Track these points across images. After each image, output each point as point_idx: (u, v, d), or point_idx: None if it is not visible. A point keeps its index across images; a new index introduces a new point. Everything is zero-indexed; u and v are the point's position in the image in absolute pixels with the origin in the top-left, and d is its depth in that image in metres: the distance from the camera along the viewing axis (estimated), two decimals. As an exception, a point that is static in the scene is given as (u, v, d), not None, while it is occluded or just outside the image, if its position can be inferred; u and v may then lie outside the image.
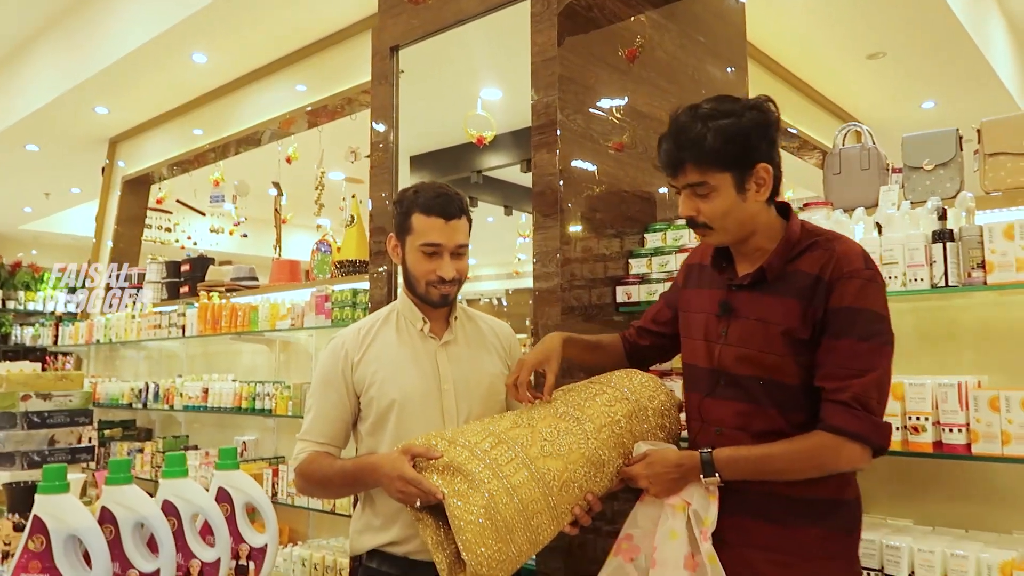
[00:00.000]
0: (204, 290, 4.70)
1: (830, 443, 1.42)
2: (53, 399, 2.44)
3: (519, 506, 1.48)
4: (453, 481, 1.50)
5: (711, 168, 1.47)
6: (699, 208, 1.51)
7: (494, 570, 1.44)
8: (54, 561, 1.29)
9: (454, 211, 1.76)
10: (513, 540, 1.47)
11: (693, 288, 1.72)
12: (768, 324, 1.50)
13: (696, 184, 1.49)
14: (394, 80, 2.99)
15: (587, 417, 1.62)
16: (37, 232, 10.63)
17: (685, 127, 1.48)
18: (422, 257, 1.75)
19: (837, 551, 1.52)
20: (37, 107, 5.62)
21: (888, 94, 5.60)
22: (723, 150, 1.45)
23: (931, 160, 2.20)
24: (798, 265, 1.51)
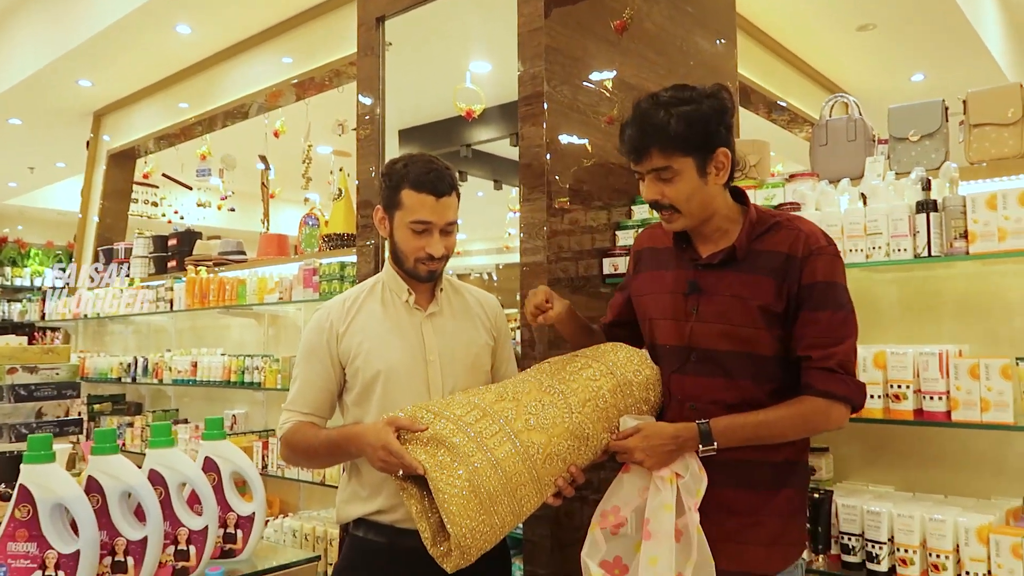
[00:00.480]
0: (192, 264, 4.69)
1: (821, 406, 1.52)
2: (40, 372, 2.44)
3: (503, 479, 1.50)
4: (437, 454, 1.51)
5: (675, 153, 1.54)
6: (663, 192, 1.58)
7: (478, 540, 1.46)
8: (41, 529, 1.30)
9: (445, 188, 1.75)
10: (497, 512, 1.49)
11: (648, 271, 1.77)
12: (744, 300, 1.57)
13: (661, 168, 1.56)
14: (380, 52, 2.97)
15: (572, 391, 1.63)
16: (22, 207, 10.52)
17: (648, 114, 1.55)
18: (411, 234, 1.74)
19: (797, 507, 1.64)
20: (19, 80, 5.53)
21: (878, 66, 5.59)
22: (686, 135, 1.52)
23: (917, 131, 2.20)
24: (764, 244, 1.59)
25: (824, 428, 1.57)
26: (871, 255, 2.01)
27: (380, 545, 1.71)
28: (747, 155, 2.55)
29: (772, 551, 1.57)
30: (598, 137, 2.58)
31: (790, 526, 1.61)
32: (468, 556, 1.47)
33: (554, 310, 1.76)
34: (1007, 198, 1.82)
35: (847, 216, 2.04)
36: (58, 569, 1.29)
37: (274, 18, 4.70)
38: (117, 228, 6.27)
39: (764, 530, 1.57)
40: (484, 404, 1.61)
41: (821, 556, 2.03)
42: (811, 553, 2.04)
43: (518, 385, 1.68)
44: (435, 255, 1.75)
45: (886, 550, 1.91)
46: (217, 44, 5.06)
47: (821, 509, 2.03)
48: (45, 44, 5.28)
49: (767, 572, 1.57)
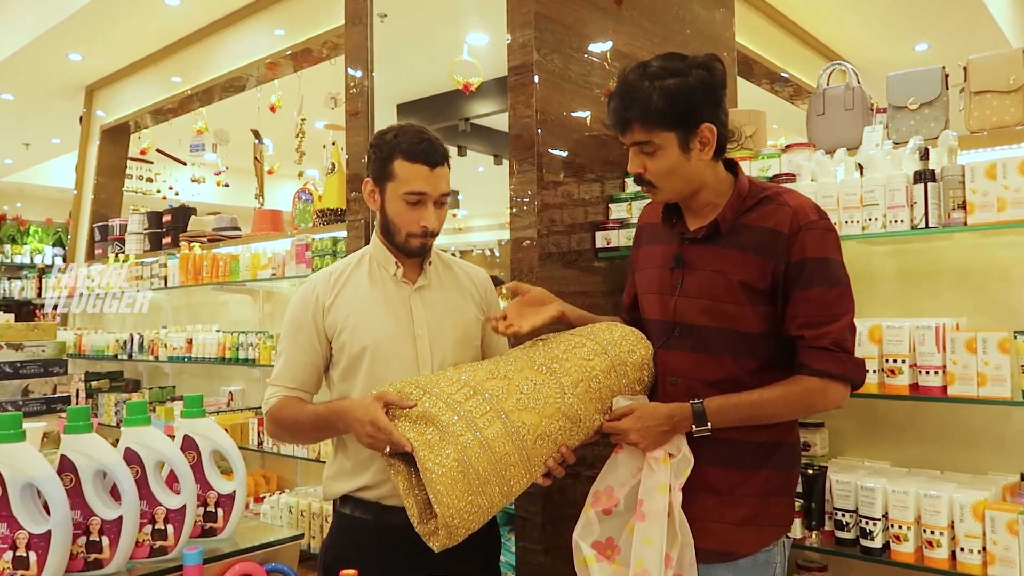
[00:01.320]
0: (186, 240, 4.65)
1: (817, 386, 1.48)
2: (25, 349, 2.41)
3: (492, 458, 1.47)
4: (425, 432, 1.48)
5: (656, 127, 1.51)
6: (645, 165, 1.55)
7: (465, 520, 1.44)
8: (11, 509, 1.27)
9: (439, 158, 1.71)
10: (485, 492, 1.46)
11: (645, 246, 1.75)
12: (726, 275, 1.54)
13: (642, 143, 1.53)
14: (368, 21, 2.89)
15: (564, 371, 1.60)
16: (20, 184, 10.47)
17: (632, 86, 1.52)
18: (406, 207, 1.70)
19: (778, 487, 1.59)
20: (9, 53, 5.46)
21: (881, 35, 5.47)
22: (667, 111, 1.49)
23: (916, 99, 2.14)
24: (750, 219, 1.55)
25: (821, 408, 1.54)
26: (867, 227, 1.96)
27: (366, 522, 1.69)
28: (743, 125, 2.49)
29: (748, 531, 1.55)
30: (591, 107, 2.52)
31: (769, 506, 1.57)
32: (455, 536, 1.45)
33: (526, 323, 1.68)
34: (1007, 167, 1.77)
35: (843, 187, 1.99)
36: (29, 549, 1.26)
37: (264, -11, 4.62)
38: (112, 204, 6.23)
39: (741, 510, 1.55)
40: (475, 382, 1.57)
41: (815, 532, 2.01)
42: (804, 529, 2.02)
43: (510, 363, 1.64)
44: (431, 228, 1.71)
45: (880, 526, 1.89)
46: (207, 16, 4.98)
47: (815, 485, 2.00)
48: (33, 17, 5.20)
49: (743, 552, 1.55)
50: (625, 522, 1.57)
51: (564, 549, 2.34)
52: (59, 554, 1.28)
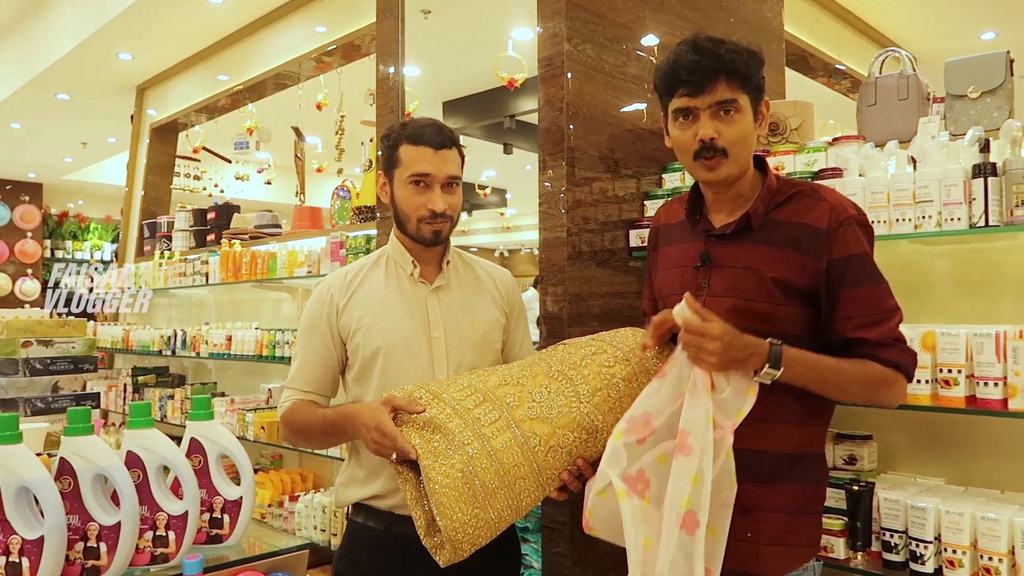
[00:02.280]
0: (228, 238, 4.68)
1: (889, 376, 1.40)
2: (55, 346, 2.42)
3: (499, 470, 1.39)
4: (432, 439, 1.41)
5: (740, 88, 1.41)
6: (720, 131, 1.42)
7: (469, 535, 1.36)
8: (4, 513, 1.24)
9: (444, 140, 1.65)
10: (492, 505, 1.38)
11: (663, 248, 1.64)
12: (758, 272, 1.43)
13: (726, 101, 1.40)
14: (400, 14, 2.83)
15: (582, 378, 1.50)
16: (81, 182, 10.78)
17: (715, 43, 1.40)
18: (411, 191, 1.64)
19: (808, 504, 1.48)
20: (62, 54, 5.58)
21: (943, 24, 5.19)
22: (750, 73, 1.42)
23: (977, 87, 1.98)
24: (782, 214, 1.45)
25: (886, 400, 1.43)
26: (920, 225, 1.81)
27: (378, 532, 1.63)
28: (788, 117, 2.36)
29: (779, 551, 1.43)
30: (626, 99, 2.42)
31: (798, 525, 1.45)
32: (459, 551, 1.37)
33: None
34: (1079, 160, 1.60)
35: (894, 182, 1.85)
36: (22, 555, 1.23)
37: (304, -15, 4.61)
38: (161, 202, 6.33)
39: (768, 527, 1.42)
40: (486, 388, 1.49)
41: (860, 553, 1.87)
42: (849, 550, 1.89)
43: (525, 369, 1.55)
44: (437, 210, 1.63)
45: (932, 550, 1.75)
46: (250, 13, 5.00)
47: (861, 502, 1.87)
48: (84, 17, 5.31)
49: (770, 574, 1.43)
50: (658, 455, 1.41)
51: (595, 557, 2.26)
52: (52, 560, 1.24)
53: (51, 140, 8.29)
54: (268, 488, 4.05)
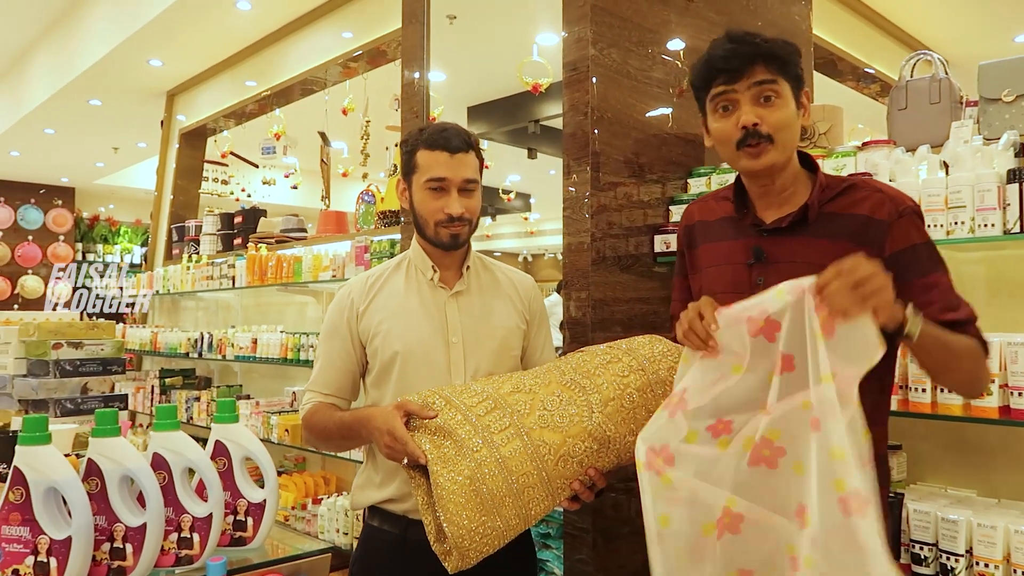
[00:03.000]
0: (255, 242, 4.72)
1: (982, 352, 1.37)
2: (84, 347, 2.45)
3: (508, 478, 1.37)
4: (443, 445, 1.40)
5: (779, 72, 1.39)
6: (762, 116, 1.39)
7: (476, 542, 1.35)
8: (34, 513, 1.25)
9: (459, 144, 1.65)
10: (500, 513, 1.37)
11: (703, 245, 1.59)
12: (817, 267, 1.32)
13: (767, 82, 1.37)
14: (425, 19, 2.84)
15: (595, 387, 1.48)
16: (112, 187, 10.96)
17: (749, 32, 1.40)
18: (429, 195, 1.64)
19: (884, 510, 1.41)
20: (94, 61, 5.68)
21: (974, 25, 5.11)
22: (789, 58, 1.40)
23: (1012, 90, 1.94)
24: (836, 207, 1.42)
25: (984, 379, 1.40)
26: (953, 231, 1.78)
27: (393, 536, 1.63)
28: (817, 121, 2.33)
29: None
30: (651, 104, 2.40)
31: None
32: (467, 558, 1.36)
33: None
34: (1118, 164, 1.56)
35: (925, 187, 1.81)
36: (50, 555, 1.24)
37: (331, -8, 4.66)
38: (190, 206, 6.42)
39: None
40: (498, 395, 1.48)
41: (888, 565, 1.84)
42: (877, 561, 1.85)
43: (539, 376, 1.54)
44: (454, 214, 1.63)
45: (963, 563, 1.71)
46: (277, 20, 5.06)
47: (890, 513, 1.83)
48: (115, 24, 5.40)
49: None
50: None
51: (617, 568, 2.24)
52: (80, 560, 1.26)
53: (83, 145, 8.44)
54: (291, 491, 4.07)
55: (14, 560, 1.25)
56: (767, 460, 1.24)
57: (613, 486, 2.15)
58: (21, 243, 11.00)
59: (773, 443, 1.23)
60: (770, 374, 1.25)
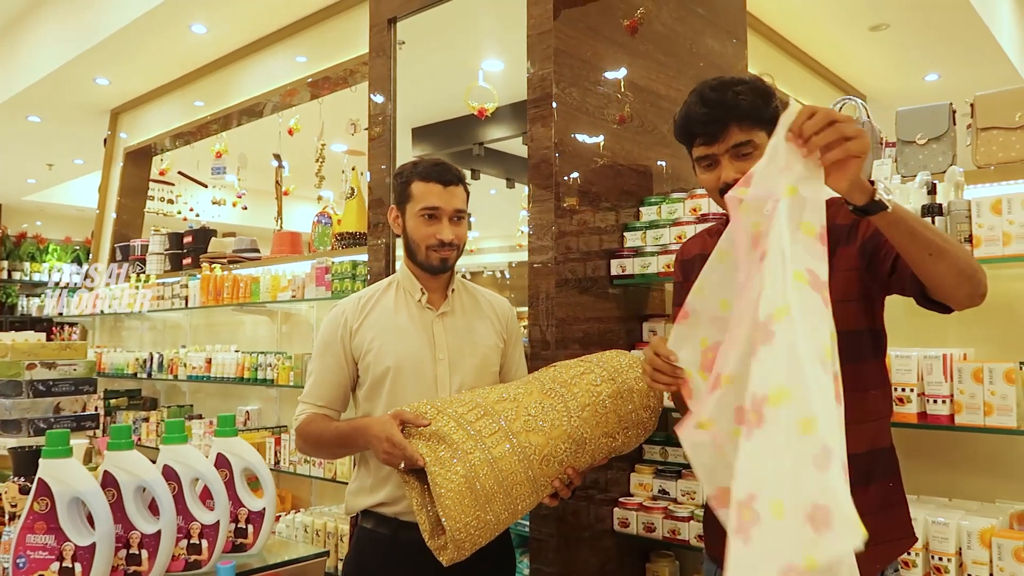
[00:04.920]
0: (207, 262, 4.74)
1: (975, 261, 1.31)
2: (58, 368, 2.49)
3: (499, 477, 1.53)
4: (437, 449, 1.55)
5: (752, 127, 1.46)
6: (743, 170, 1.44)
7: (471, 535, 1.50)
8: (58, 522, 1.34)
9: (452, 178, 1.83)
10: (491, 508, 1.52)
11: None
12: (847, 272, 1.42)
13: (741, 144, 1.46)
14: (392, 53, 3.00)
15: (572, 395, 1.66)
16: (41, 203, 10.65)
17: (718, 95, 1.47)
18: (422, 222, 1.80)
19: (895, 499, 1.51)
20: (38, 78, 5.61)
21: (891, 66, 5.56)
22: (760, 108, 1.46)
23: (924, 134, 2.21)
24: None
25: (979, 268, 1.29)
26: (876, 258, 2.01)
27: (385, 536, 1.76)
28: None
29: (870, 552, 1.30)
30: (607, 138, 2.60)
31: (886, 522, 1.45)
32: (462, 550, 1.51)
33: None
34: (1012, 203, 1.82)
35: (853, 219, 2.05)
36: (75, 561, 1.33)
37: (288, 17, 4.75)
38: (134, 225, 6.35)
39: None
40: (486, 403, 1.64)
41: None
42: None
43: (521, 387, 1.71)
44: (445, 240, 1.80)
45: (888, 551, 1.92)
46: (232, 43, 5.12)
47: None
48: (63, 42, 5.36)
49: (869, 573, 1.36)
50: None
51: (578, 572, 2.40)
52: (103, 566, 1.34)
53: (16, 161, 8.23)
54: (248, 509, 4.09)
55: (40, 567, 1.33)
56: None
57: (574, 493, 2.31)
58: (-58, 260, 10.57)
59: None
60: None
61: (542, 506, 2.29)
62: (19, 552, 1.34)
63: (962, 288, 1.29)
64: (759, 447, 1.04)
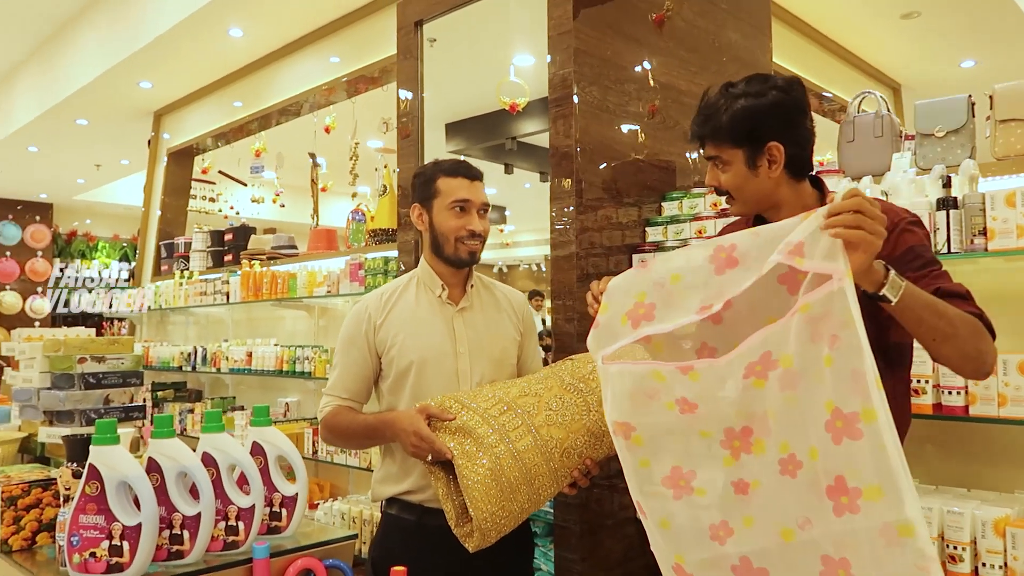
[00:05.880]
0: (246, 258, 4.90)
1: (981, 327, 1.39)
2: (106, 361, 2.63)
3: (523, 469, 1.61)
4: (463, 443, 1.63)
5: (723, 144, 1.58)
6: (719, 179, 1.62)
7: (498, 524, 1.58)
8: (108, 504, 1.45)
9: (476, 174, 1.93)
10: (516, 499, 1.61)
11: None
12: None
13: (713, 157, 1.61)
14: (418, 54, 3.08)
15: (590, 390, 1.73)
16: (90, 202, 11.02)
17: (708, 105, 1.60)
18: (453, 214, 1.88)
19: None
20: (85, 83, 5.84)
21: (925, 54, 5.47)
22: (733, 128, 1.55)
23: (943, 127, 2.22)
24: None
25: (986, 351, 1.38)
26: (892, 251, 2.04)
27: (410, 523, 1.84)
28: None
29: None
30: (628, 135, 2.65)
31: None
32: (487, 538, 1.59)
33: None
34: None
35: (868, 213, 2.07)
36: (123, 539, 1.44)
37: (320, 20, 4.87)
38: (177, 223, 6.56)
39: None
40: (508, 398, 1.71)
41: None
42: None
43: (541, 382, 1.78)
44: (476, 230, 1.88)
45: (903, 539, 1.95)
46: (268, 46, 5.26)
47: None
48: (108, 49, 5.56)
49: None
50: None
51: (602, 558, 2.47)
52: (148, 544, 1.45)
53: (66, 162, 8.54)
54: (288, 497, 4.24)
55: (91, 544, 1.45)
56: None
57: (597, 483, 2.38)
58: (-1, 259, 11.01)
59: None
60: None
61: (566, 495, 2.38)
62: (73, 531, 1.45)
63: (965, 368, 1.41)
64: (859, 528, 1.16)
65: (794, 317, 1.19)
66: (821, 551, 1.19)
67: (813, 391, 1.18)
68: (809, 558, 1.20)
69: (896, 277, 1.27)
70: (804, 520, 1.20)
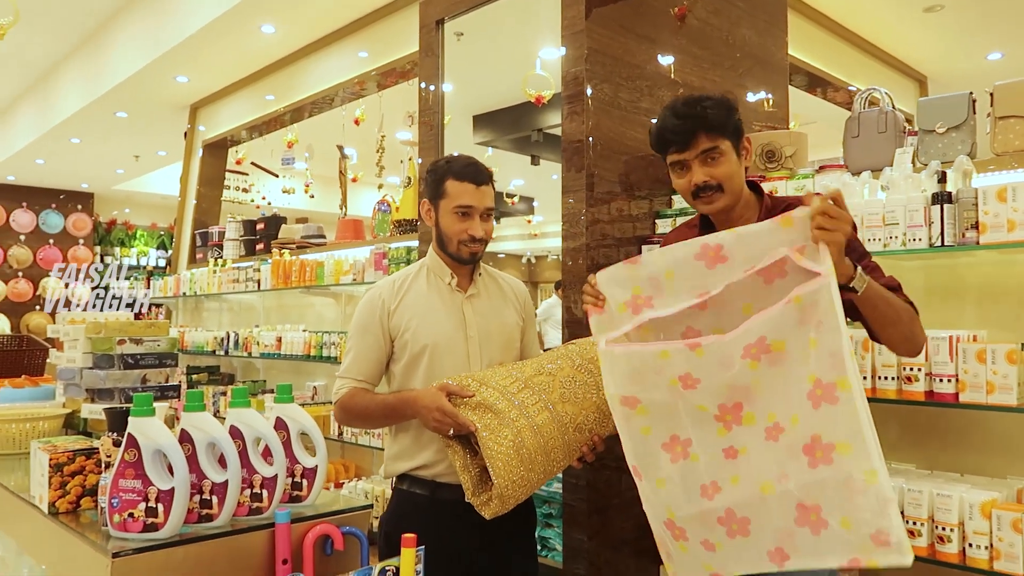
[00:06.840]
0: (277, 247, 5.07)
1: (916, 315, 1.62)
2: (144, 343, 2.79)
3: (541, 441, 1.74)
4: (484, 417, 1.75)
5: (718, 136, 1.69)
6: (711, 173, 1.71)
7: (516, 491, 1.72)
8: (144, 470, 1.59)
9: (484, 178, 1.99)
10: (534, 469, 1.74)
11: None
12: None
13: (709, 149, 1.69)
14: (439, 51, 3.19)
15: (600, 370, 1.84)
16: (129, 192, 11.34)
17: (689, 106, 1.71)
18: (456, 219, 1.98)
19: None
20: (124, 78, 6.05)
21: (950, 46, 5.43)
22: (725, 121, 1.70)
23: (944, 123, 2.27)
24: None
25: (918, 336, 1.61)
26: (888, 244, 2.11)
27: (422, 497, 1.97)
28: (783, 146, 2.66)
29: None
30: (639, 131, 2.74)
31: None
32: (506, 504, 1.72)
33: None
34: (1016, 191, 1.90)
35: (866, 206, 2.15)
36: (158, 502, 1.58)
37: (349, 17, 5.01)
38: (212, 212, 6.78)
39: None
40: (524, 377, 1.84)
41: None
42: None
43: (552, 362, 1.90)
44: (477, 236, 1.97)
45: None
46: (298, 41, 5.41)
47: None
48: (146, 45, 5.76)
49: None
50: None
51: (608, 536, 2.58)
52: (180, 507, 1.59)
53: (106, 153, 8.81)
54: (315, 477, 4.41)
55: (129, 506, 1.59)
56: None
57: (607, 464, 2.49)
58: (43, 246, 11.38)
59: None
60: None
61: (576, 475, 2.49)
62: (113, 494, 1.60)
63: (904, 348, 1.65)
64: (829, 478, 1.34)
65: (787, 306, 1.38)
66: (796, 500, 1.38)
67: (799, 367, 1.38)
68: (785, 506, 1.39)
69: (862, 272, 1.46)
70: (782, 475, 1.39)
